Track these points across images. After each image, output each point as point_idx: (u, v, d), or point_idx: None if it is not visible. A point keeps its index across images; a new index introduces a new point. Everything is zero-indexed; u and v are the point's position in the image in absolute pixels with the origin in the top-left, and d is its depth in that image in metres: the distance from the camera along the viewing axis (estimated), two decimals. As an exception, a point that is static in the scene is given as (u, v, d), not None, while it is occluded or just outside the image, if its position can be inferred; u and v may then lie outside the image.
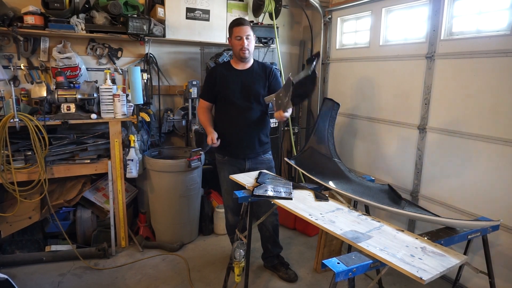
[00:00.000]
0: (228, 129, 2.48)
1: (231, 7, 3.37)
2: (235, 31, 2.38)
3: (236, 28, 2.37)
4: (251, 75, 2.48)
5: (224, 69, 2.50)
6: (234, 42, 2.41)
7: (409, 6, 2.81)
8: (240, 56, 2.42)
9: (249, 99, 2.45)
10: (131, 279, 2.58)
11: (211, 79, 2.50)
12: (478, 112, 2.32)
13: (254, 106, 2.46)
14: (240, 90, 2.44)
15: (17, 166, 2.55)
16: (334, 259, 1.30)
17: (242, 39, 2.37)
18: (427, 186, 2.71)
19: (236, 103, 2.44)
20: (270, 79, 2.51)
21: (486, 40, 2.25)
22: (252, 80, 2.47)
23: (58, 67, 2.83)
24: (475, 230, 1.62)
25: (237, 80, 2.45)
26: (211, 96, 2.52)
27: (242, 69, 2.49)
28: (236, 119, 2.46)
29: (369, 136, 3.23)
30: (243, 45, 2.37)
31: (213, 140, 2.41)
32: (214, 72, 2.51)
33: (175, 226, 3.04)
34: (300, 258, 2.93)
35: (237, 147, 2.48)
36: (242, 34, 2.36)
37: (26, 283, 2.49)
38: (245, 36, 2.37)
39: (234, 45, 2.42)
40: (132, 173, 2.82)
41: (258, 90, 2.47)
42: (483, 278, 2.03)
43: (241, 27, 2.37)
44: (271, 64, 3.19)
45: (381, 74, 3.05)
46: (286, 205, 1.82)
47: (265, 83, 2.50)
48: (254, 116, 2.47)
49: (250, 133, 2.49)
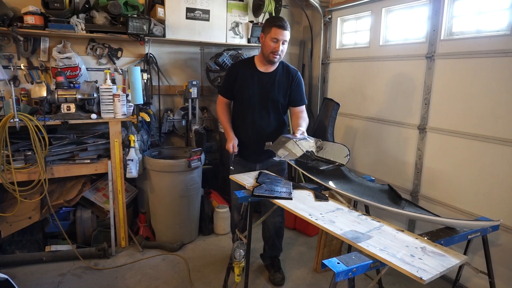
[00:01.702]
0: (243, 131, 2.41)
1: (231, 7, 3.37)
2: (274, 32, 2.17)
3: (276, 30, 2.17)
4: (273, 81, 2.33)
5: (247, 68, 2.35)
6: (267, 42, 2.21)
7: (409, 6, 2.81)
8: (269, 59, 2.25)
9: (266, 106, 2.34)
10: (131, 279, 2.58)
11: (231, 76, 2.38)
12: (478, 112, 2.32)
13: (272, 114, 2.36)
14: (259, 95, 2.32)
15: (17, 166, 2.55)
16: (334, 259, 1.30)
17: (278, 42, 2.18)
18: (427, 186, 2.71)
19: (253, 108, 2.34)
20: (292, 87, 2.36)
21: (486, 40, 2.25)
22: (272, 86, 2.32)
23: (58, 67, 2.83)
24: (475, 230, 1.62)
25: (258, 84, 2.32)
26: (229, 94, 2.42)
27: (265, 71, 2.33)
28: (252, 124, 2.38)
29: (369, 136, 3.23)
30: (277, 50, 2.19)
31: (234, 147, 2.32)
32: (235, 69, 2.38)
33: (175, 226, 3.04)
34: (300, 258, 2.93)
35: (251, 152, 2.42)
36: (281, 37, 2.18)
37: (26, 283, 2.49)
38: (282, 40, 2.19)
39: (266, 45, 2.22)
40: (132, 173, 2.82)
41: (277, 98, 2.34)
42: (483, 278, 2.03)
43: (282, 31, 2.17)
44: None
45: (381, 74, 3.05)
46: (286, 205, 1.81)
47: (286, 91, 2.35)
48: (271, 124, 2.38)
49: (265, 140, 2.36)
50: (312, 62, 3.94)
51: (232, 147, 2.34)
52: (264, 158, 2.45)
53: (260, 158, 2.45)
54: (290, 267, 2.78)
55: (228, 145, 2.36)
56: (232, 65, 2.55)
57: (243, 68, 2.36)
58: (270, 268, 2.66)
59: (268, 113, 2.36)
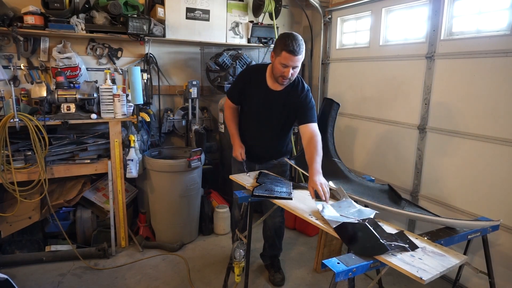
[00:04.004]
0: (247, 137, 2.39)
1: (231, 7, 3.37)
2: (284, 57, 1.98)
3: (287, 55, 1.97)
4: (279, 100, 2.23)
5: (259, 78, 2.23)
6: (276, 65, 2.05)
7: (409, 6, 2.81)
8: (277, 81, 2.14)
9: (271, 122, 2.30)
10: (131, 279, 2.58)
11: (242, 82, 2.31)
12: (478, 112, 2.32)
13: (276, 129, 2.33)
14: (265, 109, 2.26)
15: (17, 166, 2.55)
16: (334, 259, 1.30)
17: (288, 68, 2.02)
18: (427, 186, 2.71)
19: (258, 120, 2.32)
20: (299, 105, 2.20)
21: (486, 40, 2.25)
22: (278, 106, 2.24)
23: (58, 67, 2.83)
24: (475, 230, 1.62)
25: (264, 98, 2.24)
26: (237, 99, 2.37)
27: (273, 89, 2.22)
28: (256, 134, 2.36)
29: (369, 136, 3.23)
30: (286, 76, 2.04)
31: (242, 155, 2.30)
32: (248, 77, 2.29)
33: (175, 226, 3.04)
34: (300, 258, 2.93)
35: (254, 156, 2.40)
36: (291, 64, 2.00)
37: (26, 283, 2.49)
38: (293, 66, 2.02)
39: (275, 67, 2.07)
40: (132, 173, 2.82)
41: (281, 116, 2.27)
42: (483, 278, 2.04)
43: (293, 57, 1.97)
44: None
45: (381, 74, 3.05)
46: (286, 205, 1.82)
47: (292, 110, 2.24)
48: (274, 137, 2.36)
49: (268, 149, 2.40)
50: (312, 62, 3.94)
51: (240, 155, 2.33)
52: (265, 160, 2.45)
53: (260, 161, 2.45)
54: (290, 267, 2.78)
55: (236, 153, 2.35)
56: (245, 70, 2.48)
57: (256, 76, 2.25)
58: (270, 268, 2.66)
59: (272, 125, 2.33)
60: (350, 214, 1.66)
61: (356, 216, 1.63)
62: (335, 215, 1.64)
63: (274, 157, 2.45)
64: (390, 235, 1.47)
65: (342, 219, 1.59)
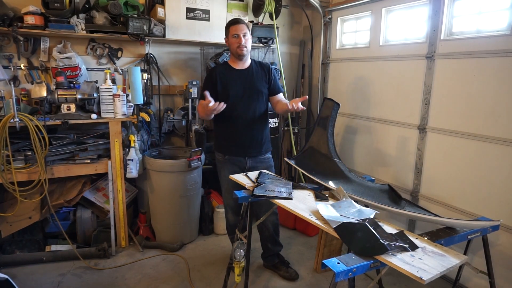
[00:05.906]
0: (230, 128, 2.48)
1: (231, 7, 3.37)
2: (232, 30, 2.40)
3: (233, 27, 2.40)
4: (251, 75, 2.49)
5: (224, 69, 2.50)
6: (231, 41, 2.42)
7: (409, 6, 2.81)
8: (238, 53, 2.42)
9: (251, 98, 2.46)
10: (131, 279, 2.58)
11: (211, 79, 2.49)
12: (478, 112, 2.32)
13: (257, 105, 2.48)
14: (243, 89, 2.45)
15: (17, 166, 2.55)
16: (334, 259, 1.30)
17: (239, 36, 2.39)
18: (427, 186, 2.71)
19: (239, 103, 2.43)
20: (271, 77, 2.53)
21: (486, 40, 2.25)
22: (253, 79, 2.48)
23: (58, 67, 2.83)
24: (475, 230, 1.62)
25: (238, 80, 2.46)
26: (212, 96, 2.38)
27: (241, 68, 2.49)
28: (239, 119, 2.45)
29: (369, 136, 3.23)
30: (240, 43, 2.39)
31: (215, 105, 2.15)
32: (214, 72, 2.50)
33: (175, 226, 3.04)
34: (300, 258, 2.93)
35: (240, 145, 2.48)
36: (239, 32, 2.39)
37: (26, 283, 2.49)
38: (242, 33, 2.39)
39: (231, 43, 2.43)
40: (132, 173, 2.82)
41: (260, 88, 2.49)
42: (483, 278, 2.04)
43: (238, 25, 2.40)
44: (271, 64, 3.19)
45: (381, 74, 3.05)
46: (286, 205, 1.82)
47: (266, 80, 2.52)
48: (257, 115, 2.48)
49: (253, 132, 2.49)
50: (312, 62, 3.94)
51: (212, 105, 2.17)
52: (254, 151, 2.51)
53: (249, 152, 2.50)
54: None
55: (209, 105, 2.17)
56: (211, 69, 2.67)
57: (222, 70, 2.50)
58: (281, 266, 2.69)
59: (253, 102, 2.47)
60: (350, 214, 1.66)
61: (356, 216, 1.63)
62: (335, 215, 1.64)
63: (261, 147, 2.53)
64: (390, 235, 1.47)
65: (342, 219, 1.59)
